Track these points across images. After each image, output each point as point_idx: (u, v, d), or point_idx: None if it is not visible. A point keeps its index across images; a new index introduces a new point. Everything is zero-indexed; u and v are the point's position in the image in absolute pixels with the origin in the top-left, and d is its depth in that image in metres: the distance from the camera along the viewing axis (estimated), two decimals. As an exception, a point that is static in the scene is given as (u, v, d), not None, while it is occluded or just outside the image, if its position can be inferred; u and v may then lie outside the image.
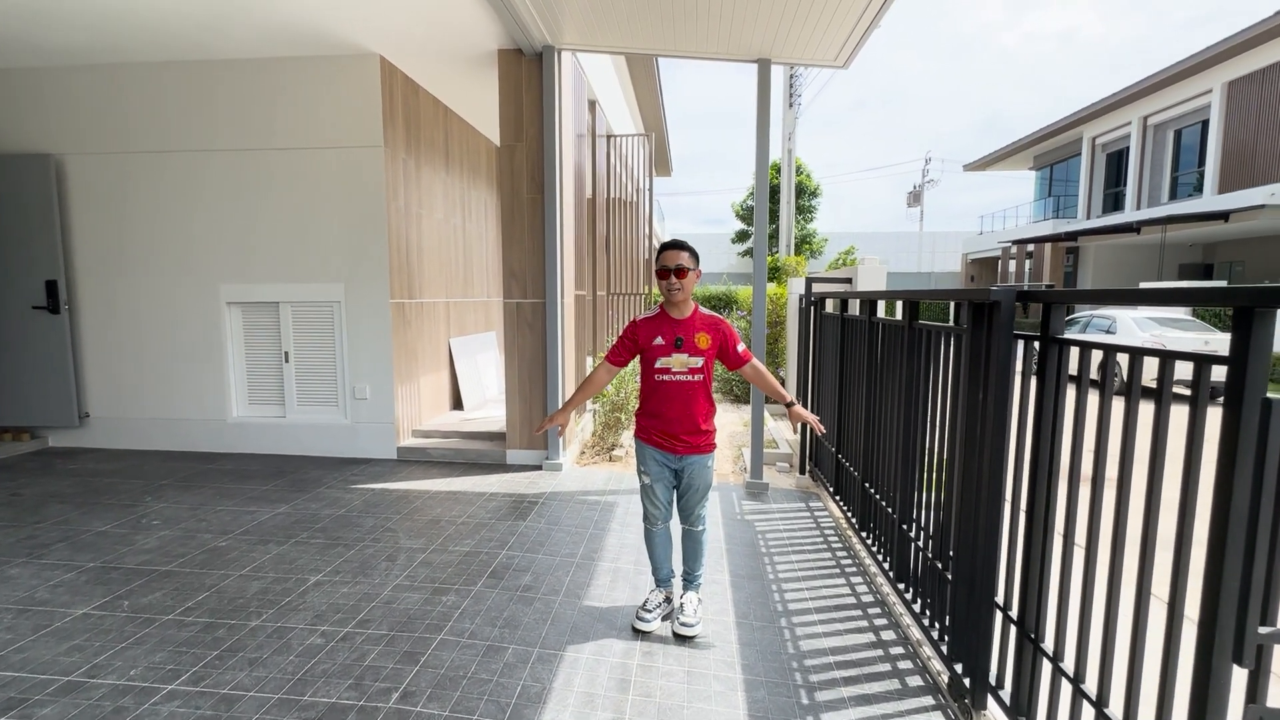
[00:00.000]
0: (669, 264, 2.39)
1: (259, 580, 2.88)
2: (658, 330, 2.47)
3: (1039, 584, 1.85)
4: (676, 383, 2.46)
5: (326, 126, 4.79)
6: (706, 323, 2.51)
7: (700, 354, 2.46)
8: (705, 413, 2.52)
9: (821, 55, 4.38)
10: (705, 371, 2.48)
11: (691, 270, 2.43)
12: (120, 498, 4.00)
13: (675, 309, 2.48)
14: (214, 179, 4.93)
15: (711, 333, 2.50)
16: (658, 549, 2.66)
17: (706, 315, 2.53)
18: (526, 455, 4.85)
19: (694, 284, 2.46)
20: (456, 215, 6.27)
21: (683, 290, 2.42)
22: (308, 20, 4.14)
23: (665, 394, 2.47)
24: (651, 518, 2.62)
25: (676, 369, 2.45)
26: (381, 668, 2.23)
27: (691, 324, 2.48)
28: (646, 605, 2.59)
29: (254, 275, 4.98)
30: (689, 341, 2.45)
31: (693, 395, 2.47)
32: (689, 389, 2.46)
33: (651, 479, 2.55)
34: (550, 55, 4.51)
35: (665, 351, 2.45)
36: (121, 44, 4.53)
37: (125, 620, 2.53)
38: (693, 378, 2.46)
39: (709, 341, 2.48)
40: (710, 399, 2.54)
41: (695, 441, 2.50)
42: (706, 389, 2.51)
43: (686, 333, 2.46)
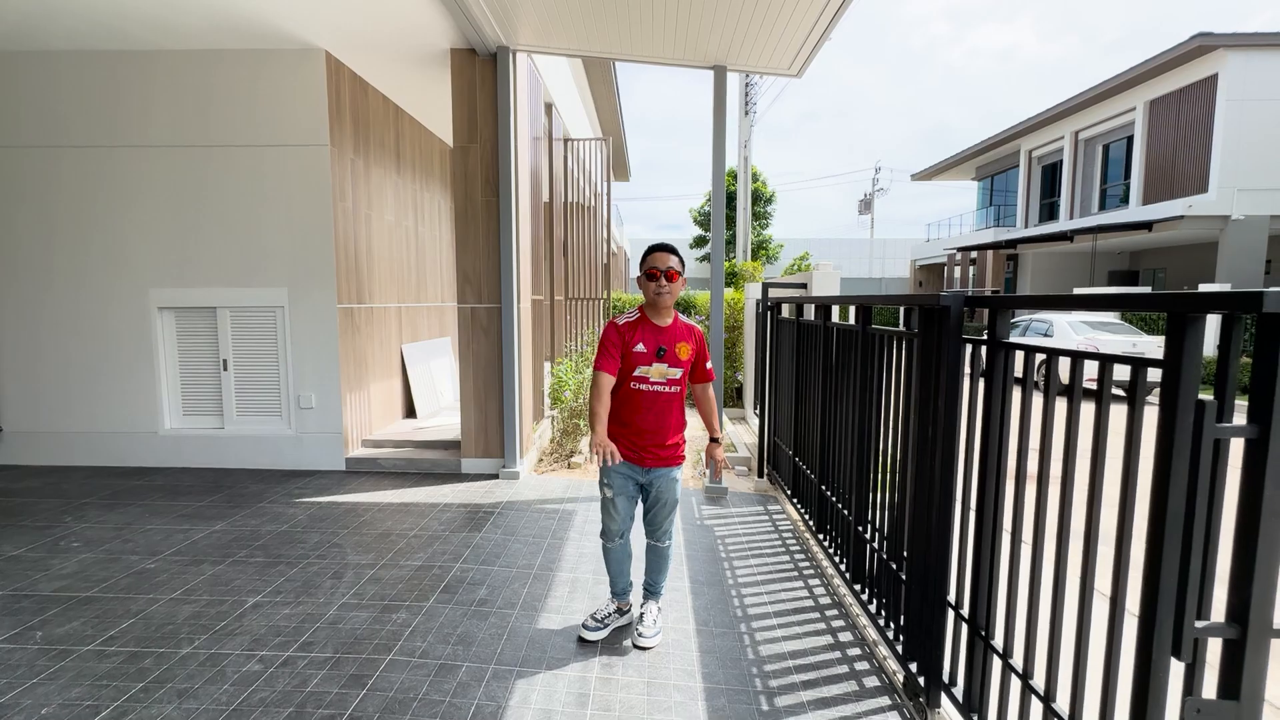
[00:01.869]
0: (660, 265, 2.29)
1: (191, 604, 2.70)
2: (639, 336, 2.35)
3: (989, 582, 1.89)
4: (653, 393, 2.36)
5: (269, 123, 4.58)
6: (687, 333, 2.43)
7: (680, 365, 2.37)
8: (678, 425, 2.44)
9: (776, 64, 4.44)
10: (683, 383, 2.41)
11: (680, 275, 2.36)
12: (35, 519, 3.70)
13: (659, 315, 2.38)
14: (145, 176, 4.64)
15: (690, 342, 2.42)
16: (614, 564, 2.57)
17: (686, 325, 2.45)
18: (482, 464, 4.73)
19: (680, 290, 2.38)
20: (408, 217, 6.10)
21: (672, 294, 2.33)
22: (248, 11, 3.95)
23: (639, 403, 2.36)
24: (609, 533, 2.51)
25: (655, 379, 2.35)
26: (325, 694, 2.12)
27: (674, 333, 2.39)
28: (596, 614, 2.54)
29: (189, 279, 4.70)
30: (671, 351, 2.35)
31: (668, 407, 2.38)
32: (664, 400, 2.37)
33: (614, 491, 2.43)
34: (505, 56, 4.43)
35: (645, 360, 2.33)
36: (46, 31, 4.23)
37: (37, 653, 2.32)
38: (669, 389, 2.36)
39: (689, 352, 2.40)
40: (684, 411, 2.46)
41: (664, 455, 2.41)
42: (681, 400, 2.43)
43: (669, 342, 2.36)
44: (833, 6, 3.56)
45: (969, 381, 2.00)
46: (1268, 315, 1.08)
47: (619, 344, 2.34)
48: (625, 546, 2.55)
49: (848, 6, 3.58)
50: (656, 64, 4.68)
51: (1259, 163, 13.49)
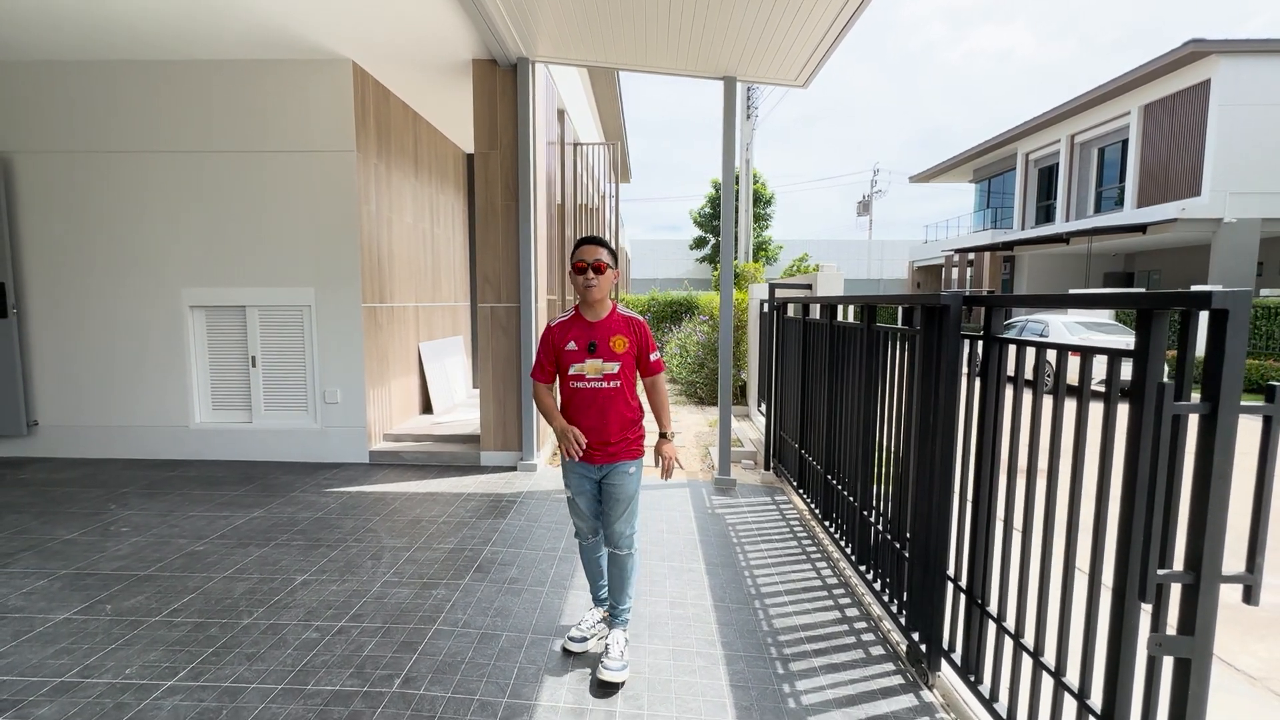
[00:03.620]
0: (586, 258, 2.22)
1: (244, 581, 2.90)
2: (570, 334, 2.28)
3: (984, 556, 2.10)
4: (591, 390, 2.27)
5: (297, 130, 4.78)
6: (624, 324, 2.31)
7: (616, 358, 2.27)
8: (624, 420, 2.32)
9: (783, 75, 4.66)
10: (623, 377, 2.29)
11: (610, 268, 2.27)
12: (82, 506, 3.89)
13: (590, 309, 2.30)
14: (178, 181, 4.84)
15: (628, 334, 2.30)
16: (589, 563, 2.52)
17: (625, 315, 2.33)
18: (501, 456, 4.93)
19: (611, 284, 2.28)
20: (425, 220, 6.30)
21: (599, 288, 2.24)
22: (280, 24, 4.15)
23: (580, 402, 2.29)
24: (581, 532, 2.47)
25: (590, 375, 2.26)
26: (380, 657, 2.32)
27: (607, 326, 2.29)
28: (580, 625, 2.47)
29: (220, 279, 4.90)
30: (603, 346, 2.26)
31: (609, 403, 2.27)
32: (604, 397, 2.27)
33: (574, 491, 2.38)
34: (524, 67, 4.64)
35: (578, 357, 2.26)
36: (86, 42, 4.43)
37: (110, 623, 2.52)
38: (608, 384, 2.26)
39: (625, 345, 2.29)
40: (632, 405, 2.34)
41: (613, 450, 2.30)
42: (626, 395, 2.31)
43: (601, 336, 2.27)
44: (842, 19, 3.77)
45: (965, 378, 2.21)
46: (1217, 311, 1.29)
47: (549, 349, 2.32)
48: (597, 546, 2.48)
49: (855, 21, 3.78)
50: (667, 75, 4.89)
51: (1250, 166, 13.76)
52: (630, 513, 2.37)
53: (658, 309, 13.83)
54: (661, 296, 14.08)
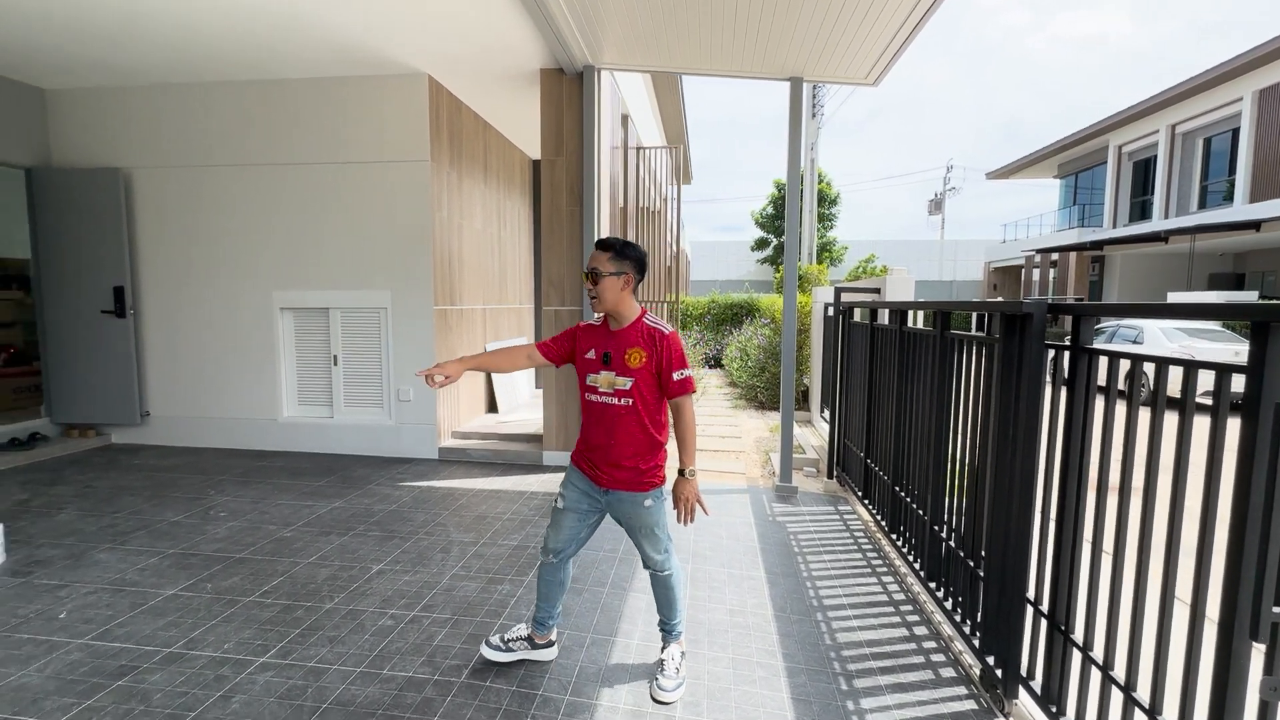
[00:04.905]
0: (586, 265, 2.11)
1: (326, 567, 3.09)
2: (593, 341, 2.15)
3: (1070, 580, 1.98)
4: (601, 404, 2.11)
5: (377, 142, 5.05)
6: (644, 337, 2.07)
7: (629, 374, 2.05)
8: (636, 444, 2.09)
9: (853, 74, 4.54)
10: (637, 395, 2.07)
11: (611, 274, 2.05)
12: (185, 491, 4.25)
13: (612, 319, 2.13)
14: (271, 191, 5.22)
15: (646, 348, 2.06)
16: (541, 584, 2.30)
17: (649, 327, 2.09)
18: (562, 457, 5.03)
19: (619, 290, 2.07)
20: (493, 225, 6.51)
21: (599, 299, 2.07)
22: (363, 43, 4.40)
23: (591, 415, 2.15)
24: (545, 547, 2.26)
25: (603, 389, 2.10)
26: (450, 647, 2.42)
27: (626, 337, 2.08)
28: (505, 634, 2.33)
29: (306, 283, 5.24)
30: (617, 358, 2.07)
31: (617, 421, 2.08)
32: (614, 414, 2.09)
33: (565, 504, 2.21)
34: (590, 75, 4.72)
35: (594, 367, 2.11)
36: (188, 65, 4.84)
37: (211, 600, 2.75)
38: (619, 401, 2.07)
39: (642, 359, 2.05)
40: (647, 430, 2.10)
41: (621, 477, 2.11)
42: (640, 417, 2.08)
43: (617, 348, 2.08)
44: (916, 14, 3.64)
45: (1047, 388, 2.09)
46: (1349, 326, 1.17)
47: (567, 342, 2.22)
48: (558, 569, 2.27)
49: (931, 16, 3.64)
50: (732, 77, 4.86)
51: (1389, 156, 12.26)
52: (656, 539, 2.18)
53: (718, 311, 13.73)
54: (722, 299, 13.98)
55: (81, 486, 4.33)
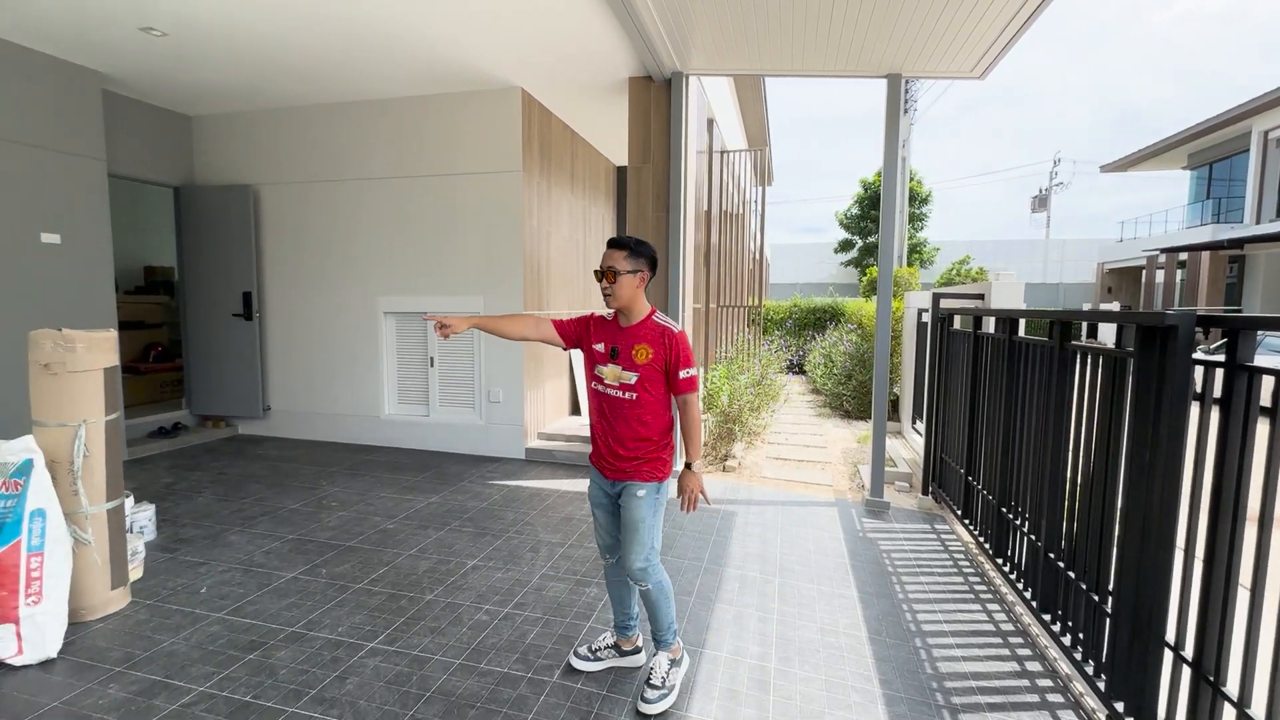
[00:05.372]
0: (601, 264, 2.13)
1: (426, 560, 3.26)
2: (603, 335, 2.20)
3: (1221, 626, 1.76)
4: (607, 396, 2.16)
5: (473, 154, 5.30)
6: (654, 334, 2.12)
7: (635, 368, 2.10)
8: (639, 437, 2.13)
9: (957, 67, 4.29)
10: (641, 390, 2.11)
11: (627, 272, 2.09)
12: (302, 481, 4.63)
13: (623, 315, 2.18)
14: (378, 203, 5.59)
15: (655, 346, 2.10)
16: (609, 587, 2.37)
17: (658, 325, 2.14)
18: (644, 461, 5.06)
19: (633, 288, 2.12)
20: (579, 231, 6.66)
21: (614, 295, 2.11)
22: (462, 60, 4.63)
23: (595, 406, 2.22)
24: (599, 549, 2.35)
25: (609, 381, 2.15)
26: (542, 647, 2.49)
27: (635, 333, 2.13)
28: (592, 644, 2.38)
29: (407, 288, 5.58)
30: (625, 353, 2.12)
31: (620, 413, 2.14)
32: (617, 406, 2.15)
33: (591, 501, 2.31)
34: (678, 81, 4.73)
35: (602, 359, 2.17)
36: (309, 90, 5.28)
37: (325, 586, 2.97)
38: (624, 394, 2.13)
39: (649, 355, 2.10)
40: (648, 424, 2.14)
41: (621, 466, 2.16)
42: (643, 411, 2.13)
43: (625, 343, 2.13)
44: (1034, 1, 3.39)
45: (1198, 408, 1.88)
46: None
47: (577, 328, 2.27)
48: (617, 569, 2.30)
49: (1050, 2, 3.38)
50: (822, 77, 4.72)
51: None
52: (640, 543, 2.13)
53: (799, 315, 13.38)
54: (804, 303, 13.61)
55: (215, 473, 4.81)
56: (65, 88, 4.61)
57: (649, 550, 2.15)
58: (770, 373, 6.65)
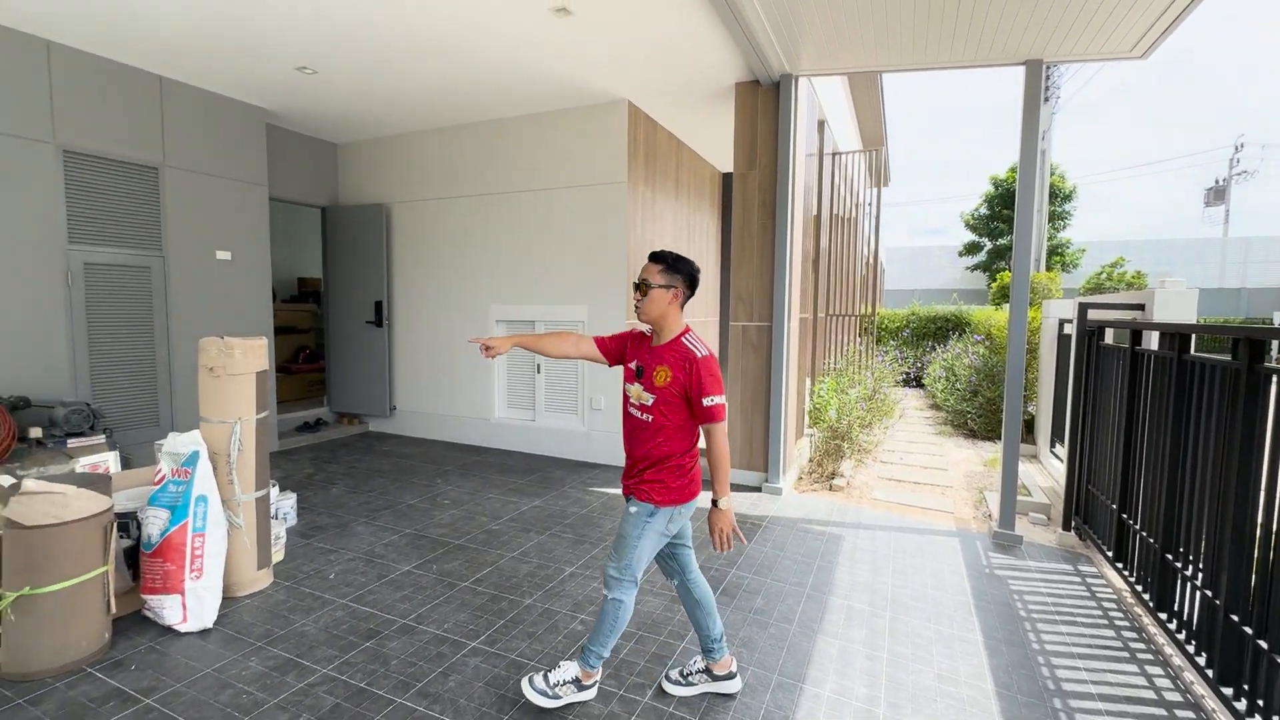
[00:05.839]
0: (638, 277, 2.09)
1: (527, 564, 3.36)
2: (636, 352, 2.17)
3: None
4: (629, 414, 2.15)
5: (579, 167, 5.45)
6: (676, 356, 2.05)
7: (654, 391, 2.05)
8: (650, 459, 2.08)
9: (1112, 47, 3.78)
10: (658, 413, 2.05)
11: (660, 287, 2.05)
12: (420, 478, 4.96)
13: (655, 333, 2.13)
14: (493, 217, 5.90)
15: (675, 369, 2.03)
16: (686, 610, 2.31)
17: (684, 347, 2.06)
18: (745, 476, 4.92)
19: (665, 304, 2.06)
20: (683, 239, 6.64)
21: (644, 310, 2.07)
22: (571, 77, 4.76)
23: (624, 422, 2.19)
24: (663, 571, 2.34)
25: (632, 399, 2.13)
26: (634, 664, 2.46)
27: (661, 354, 2.08)
28: (684, 668, 2.32)
29: (517, 297, 5.83)
30: (648, 373, 2.08)
31: (636, 433, 2.12)
32: (635, 425, 2.12)
33: None
34: (787, 83, 4.57)
35: (630, 377, 2.15)
36: (436, 115, 5.68)
37: (435, 581, 3.14)
38: (643, 415, 2.09)
39: (667, 378, 2.03)
40: (661, 448, 2.06)
41: (628, 483, 2.16)
42: (657, 434, 2.06)
43: (651, 362, 2.09)
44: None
45: None
46: None
47: (622, 342, 2.25)
48: (685, 590, 2.26)
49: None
50: (948, 69, 4.35)
51: None
52: (616, 553, 2.10)
53: (918, 324, 12.52)
54: (923, 311, 12.72)
55: (348, 466, 5.28)
56: (236, 123, 5.30)
57: (624, 565, 2.08)
58: (884, 386, 6.24)
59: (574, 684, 2.17)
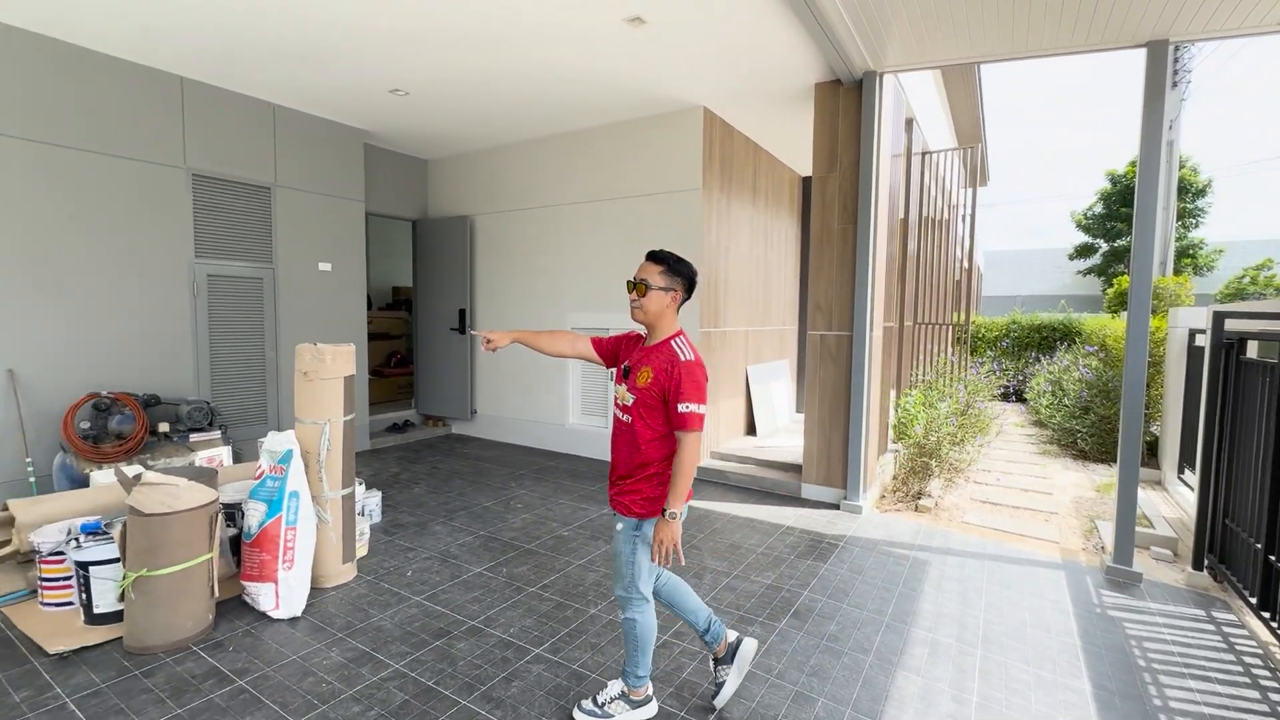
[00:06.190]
0: (634, 275, 2.06)
1: (594, 572, 3.35)
2: (629, 353, 2.15)
3: None
4: (615, 417, 2.13)
5: (654, 176, 5.44)
6: (661, 357, 2.00)
7: (635, 391, 2.01)
8: (628, 465, 2.04)
9: (1255, 21, 3.31)
10: (636, 414, 2.01)
11: (659, 288, 2.02)
12: (495, 480, 5.10)
13: (648, 334, 2.12)
14: (572, 225, 6.02)
15: (658, 370, 1.98)
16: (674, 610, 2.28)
17: (671, 349, 2.00)
18: (823, 491, 4.69)
19: (663, 305, 2.03)
20: (759, 246, 6.48)
21: (641, 310, 2.04)
22: (646, 85, 4.77)
23: (612, 425, 2.15)
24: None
25: (619, 400, 2.10)
26: (697, 684, 2.37)
27: (648, 354, 2.04)
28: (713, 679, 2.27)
29: (592, 305, 5.90)
30: (633, 372, 2.05)
31: (618, 436, 2.10)
32: (619, 428, 2.10)
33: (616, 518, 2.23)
34: (871, 81, 4.36)
35: (618, 378, 2.13)
36: (518, 129, 5.87)
37: (504, 584, 3.19)
38: (623, 415, 2.07)
39: (649, 379, 1.99)
40: (640, 451, 2.01)
41: (612, 492, 2.11)
42: (635, 437, 2.02)
43: (638, 362, 2.06)
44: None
45: None
46: None
47: (616, 343, 2.23)
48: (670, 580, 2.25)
49: None
50: (1055, 55, 3.98)
51: None
52: (619, 574, 2.08)
53: (1019, 334, 11.58)
54: (1026, 319, 11.76)
55: (430, 467, 5.53)
56: (338, 144, 5.71)
57: (629, 583, 2.06)
58: (979, 400, 5.79)
59: (622, 699, 2.14)
